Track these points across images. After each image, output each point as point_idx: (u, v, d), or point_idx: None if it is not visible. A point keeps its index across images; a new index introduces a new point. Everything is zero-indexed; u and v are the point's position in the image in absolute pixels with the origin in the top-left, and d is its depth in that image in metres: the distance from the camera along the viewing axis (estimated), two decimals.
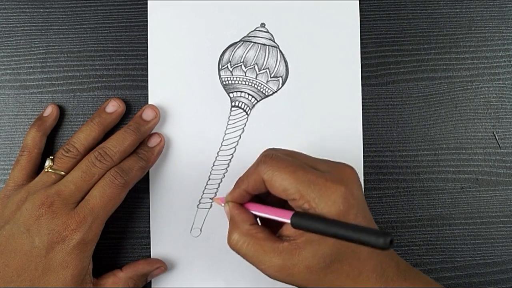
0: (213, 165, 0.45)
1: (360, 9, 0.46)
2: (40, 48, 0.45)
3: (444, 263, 0.45)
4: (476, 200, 0.46)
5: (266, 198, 0.40)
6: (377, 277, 0.36)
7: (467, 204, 0.46)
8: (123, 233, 0.45)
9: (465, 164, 0.46)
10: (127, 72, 0.45)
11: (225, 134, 0.45)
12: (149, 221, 0.44)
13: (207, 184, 0.45)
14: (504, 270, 0.45)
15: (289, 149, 0.39)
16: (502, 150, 0.46)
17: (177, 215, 0.44)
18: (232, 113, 0.45)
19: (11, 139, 0.45)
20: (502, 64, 0.46)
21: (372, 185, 0.45)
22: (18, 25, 0.45)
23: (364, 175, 0.45)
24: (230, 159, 0.45)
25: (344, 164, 0.38)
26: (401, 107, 0.46)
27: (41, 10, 0.45)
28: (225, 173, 0.45)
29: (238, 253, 0.37)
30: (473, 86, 0.46)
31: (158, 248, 0.44)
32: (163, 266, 0.44)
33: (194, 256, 0.44)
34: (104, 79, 0.45)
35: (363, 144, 0.45)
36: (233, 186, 0.39)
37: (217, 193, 0.45)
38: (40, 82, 0.45)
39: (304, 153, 0.39)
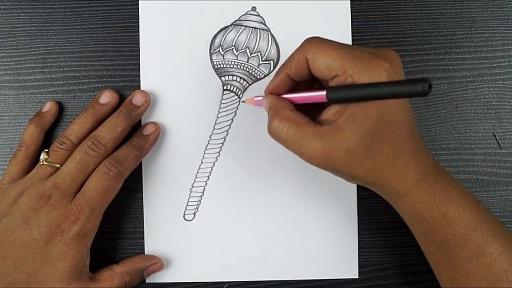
0: (206, 149, 0.45)
1: (360, 9, 0.46)
2: (40, 48, 0.45)
3: None
4: None
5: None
6: (415, 164, 0.36)
7: None
8: (117, 232, 0.45)
9: (465, 165, 0.46)
10: (127, 72, 0.45)
11: (217, 117, 0.45)
12: (143, 211, 0.44)
13: (199, 168, 0.45)
14: None
15: None
16: (502, 151, 0.46)
17: (170, 199, 0.44)
18: (224, 97, 0.45)
19: (11, 139, 0.45)
20: (502, 64, 0.46)
21: None
22: (18, 25, 0.45)
23: None
24: (222, 143, 0.45)
25: (388, 48, 0.37)
26: None
27: (41, 10, 0.45)
28: (217, 156, 0.45)
29: (278, 140, 0.37)
30: (473, 86, 0.46)
31: (152, 236, 0.44)
32: (160, 263, 0.44)
33: (187, 248, 0.44)
34: (104, 80, 0.45)
35: None
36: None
37: (209, 177, 0.45)
38: (40, 83, 0.45)
39: None
